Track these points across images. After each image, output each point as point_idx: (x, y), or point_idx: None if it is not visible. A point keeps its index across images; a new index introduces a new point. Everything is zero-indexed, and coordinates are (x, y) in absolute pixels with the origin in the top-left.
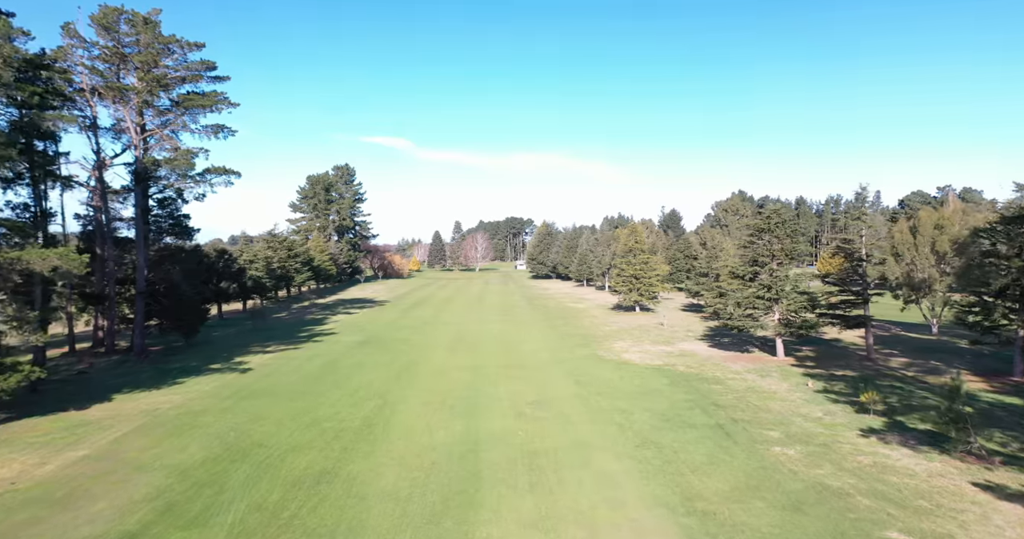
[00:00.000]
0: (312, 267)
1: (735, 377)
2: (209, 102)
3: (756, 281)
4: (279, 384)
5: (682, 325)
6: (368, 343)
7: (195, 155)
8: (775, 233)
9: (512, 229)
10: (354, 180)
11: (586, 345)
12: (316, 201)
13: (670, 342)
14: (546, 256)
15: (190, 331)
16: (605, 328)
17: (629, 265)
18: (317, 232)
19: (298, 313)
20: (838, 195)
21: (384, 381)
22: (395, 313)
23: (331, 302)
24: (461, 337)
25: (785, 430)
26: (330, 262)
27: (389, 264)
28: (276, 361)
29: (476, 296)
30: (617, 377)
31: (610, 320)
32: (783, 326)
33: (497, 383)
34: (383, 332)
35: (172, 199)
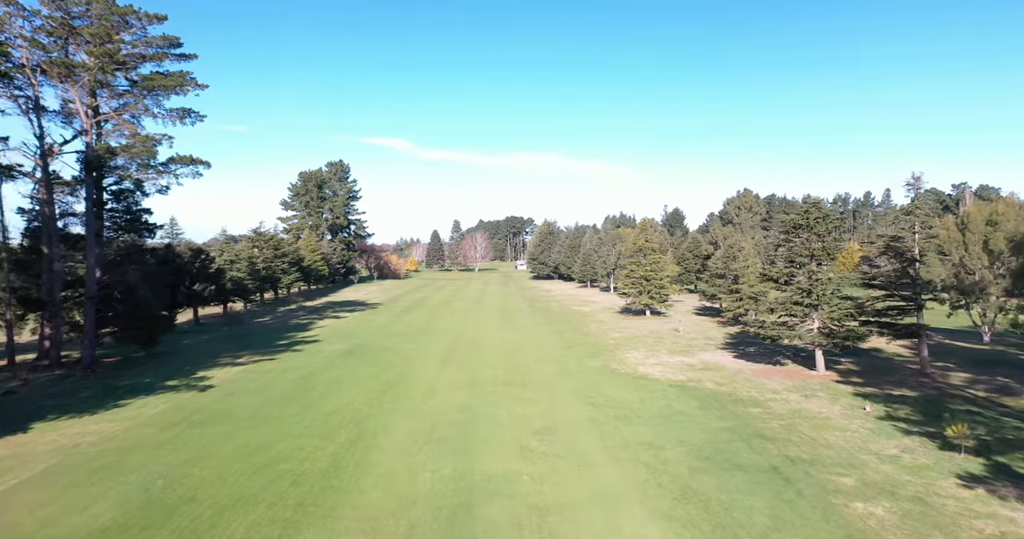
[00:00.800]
0: (301, 267)
1: (775, 397)
2: (173, 83)
3: (792, 284)
4: (240, 406)
5: (699, 331)
6: (353, 353)
7: (157, 142)
8: (815, 230)
9: (512, 228)
10: (348, 177)
11: (596, 355)
12: (308, 198)
13: (689, 352)
14: (547, 256)
15: (148, 341)
16: (615, 335)
17: (639, 266)
18: (308, 231)
19: (283, 317)
20: (846, 194)
21: (365, 402)
22: (387, 317)
23: (320, 305)
24: (457, 346)
25: (860, 475)
26: (322, 262)
27: (385, 264)
28: (245, 376)
29: (474, 298)
30: (636, 397)
31: (619, 325)
32: (824, 336)
33: (497, 404)
34: (371, 340)
35: (130, 192)
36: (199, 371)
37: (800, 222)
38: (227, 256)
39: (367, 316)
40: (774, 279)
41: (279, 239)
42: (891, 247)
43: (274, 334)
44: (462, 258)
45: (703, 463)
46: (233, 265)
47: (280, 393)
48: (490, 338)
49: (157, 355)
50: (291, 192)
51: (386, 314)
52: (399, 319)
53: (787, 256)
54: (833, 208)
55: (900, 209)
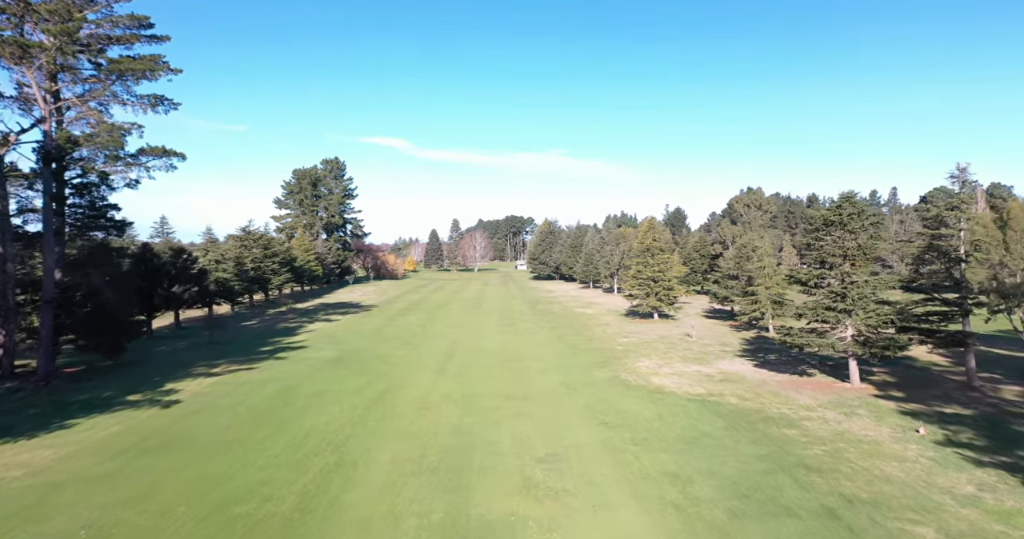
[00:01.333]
0: (293, 268)
1: (810, 416)
2: (142, 67)
3: (824, 288)
4: (204, 427)
5: (712, 336)
6: (341, 361)
7: (126, 132)
8: (848, 227)
9: (512, 228)
10: (344, 175)
11: (605, 364)
12: (302, 197)
13: (705, 360)
14: (548, 256)
15: (112, 349)
16: (623, 340)
17: (646, 266)
18: (302, 230)
19: (271, 321)
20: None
21: (348, 421)
22: (381, 320)
23: (312, 307)
24: (453, 353)
25: (939, 523)
26: (316, 262)
27: (382, 264)
28: (217, 388)
29: (473, 300)
30: (653, 414)
31: (626, 329)
32: (859, 345)
33: (497, 423)
34: (362, 346)
35: (94, 185)
36: (168, 383)
37: (832, 218)
38: (212, 256)
39: (360, 319)
40: (802, 281)
41: (269, 238)
42: (934, 246)
43: (258, 339)
44: (461, 258)
45: (742, 503)
46: (219, 265)
47: (253, 410)
48: (489, 344)
49: (125, 364)
50: (285, 190)
51: (380, 317)
52: (393, 322)
53: (817, 257)
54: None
55: (943, 204)
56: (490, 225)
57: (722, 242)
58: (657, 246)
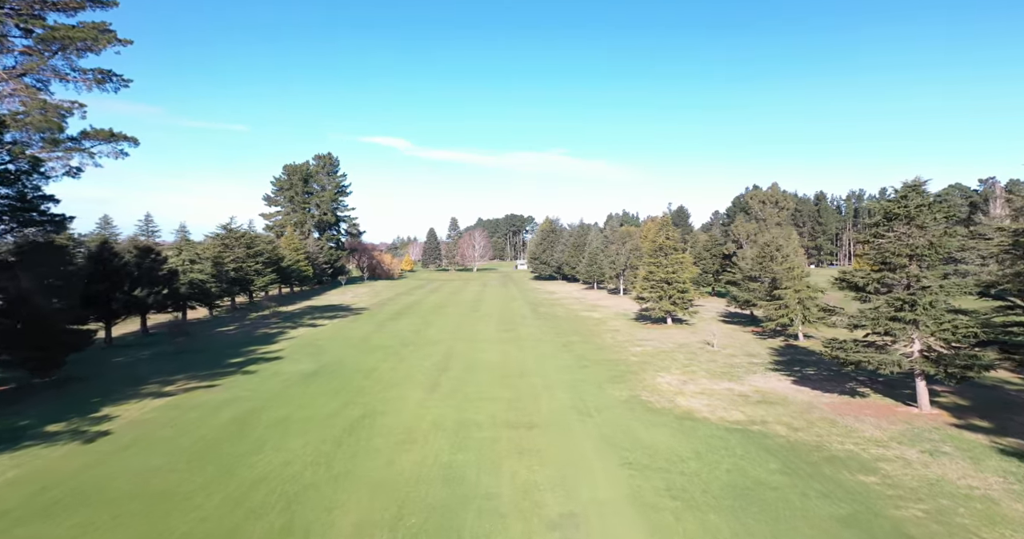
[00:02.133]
0: (280, 268)
1: (885, 454)
2: (82, 36)
3: (884, 293)
4: (127, 472)
5: (736, 345)
6: (318, 376)
7: (66, 113)
8: (917, 221)
9: (512, 227)
10: (338, 171)
11: (620, 379)
12: (293, 193)
13: (735, 375)
14: (550, 255)
15: (42, 365)
16: (636, 349)
17: (659, 267)
18: (291, 228)
19: (250, 326)
20: (860, 190)
21: (311, 460)
22: (371, 326)
23: (298, 310)
24: (448, 365)
25: None
26: (306, 262)
27: (378, 264)
28: (163, 414)
29: (472, 302)
30: (688, 450)
31: (639, 336)
32: (930, 363)
33: (497, 464)
34: (345, 357)
35: (24, 173)
36: (105, 407)
37: (896, 211)
38: (186, 255)
39: (347, 324)
40: (858, 286)
41: (252, 236)
42: (1020, 243)
43: (231, 348)
44: (460, 257)
45: None
46: (193, 266)
47: (198, 444)
48: (488, 354)
49: (63, 382)
50: (274, 186)
51: (370, 322)
52: (384, 328)
53: (876, 256)
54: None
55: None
56: (489, 224)
57: (735, 240)
58: (670, 245)
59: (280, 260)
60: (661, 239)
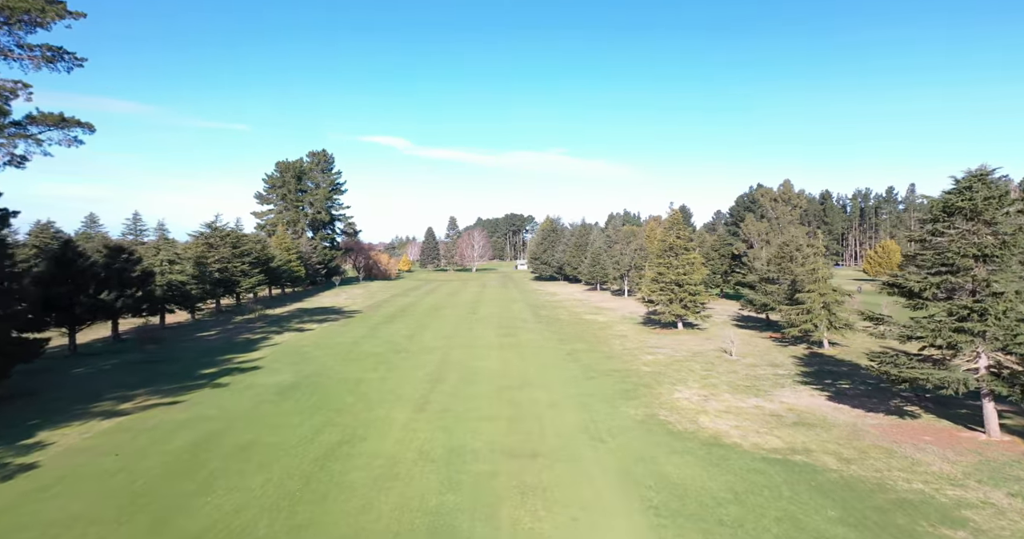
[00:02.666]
0: (268, 268)
1: (966, 497)
2: (26, 6)
3: (946, 300)
4: (37, 524)
5: (756, 354)
6: (296, 390)
7: (9, 95)
8: (984, 216)
9: (512, 226)
10: (332, 168)
11: (633, 394)
12: (285, 191)
13: (761, 389)
14: (551, 255)
15: None
16: (647, 357)
17: (669, 268)
18: (282, 227)
19: (233, 331)
20: (867, 189)
21: (269, 505)
22: (362, 330)
23: (286, 313)
24: (442, 377)
25: None
26: (298, 262)
27: (374, 264)
28: (108, 440)
29: (470, 304)
30: (723, 489)
31: (649, 343)
32: (1002, 382)
33: (494, 510)
34: (329, 366)
35: None
36: (43, 430)
37: (959, 205)
38: (164, 255)
39: (337, 329)
40: (912, 292)
41: (238, 235)
42: None
43: (206, 357)
44: (458, 257)
45: None
46: (173, 266)
47: (137, 482)
48: (486, 363)
49: (6, 397)
50: (267, 184)
51: (361, 326)
52: (375, 333)
53: (934, 257)
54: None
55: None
56: (489, 223)
57: (745, 240)
58: (681, 244)
59: (269, 260)
60: (671, 238)
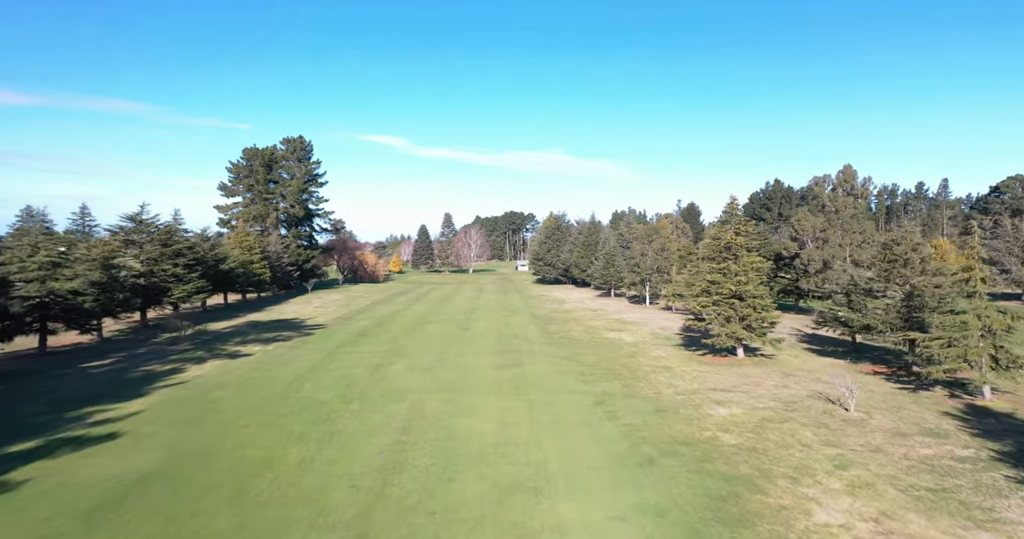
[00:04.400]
0: (219, 271)
1: None
2: None
3: None
4: None
5: (882, 406)
6: (140, 496)
7: None
8: None
9: (512, 225)
10: (311, 157)
11: (739, 516)
12: (252, 181)
13: (965, 501)
14: (555, 256)
15: None
16: (720, 411)
17: (727, 275)
18: (243, 223)
19: (139, 358)
20: (893, 185)
21: None
22: (315, 357)
23: (229, 329)
24: (402, 457)
25: None
26: (262, 264)
27: (360, 265)
28: None
29: (462, 315)
30: None
31: (710, 382)
32: None
33: None
34: (232, 433)
35: None
36: None
37: None
38: (42, 257)
39: (283, 354)
40: None
41: (171, 229)
42: None
43: (47, 410)
44: (454, 257)
45: None
46: (57, 270)
47: None
48: (477, 423)
49: None
50: (231, 173)
51: (318, 349)
52: (331, 362)
53: None
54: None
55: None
56: (488, 222)
57: (796, 238)
58: (742, 243)
59: (221, 261)
60: (728, 235)
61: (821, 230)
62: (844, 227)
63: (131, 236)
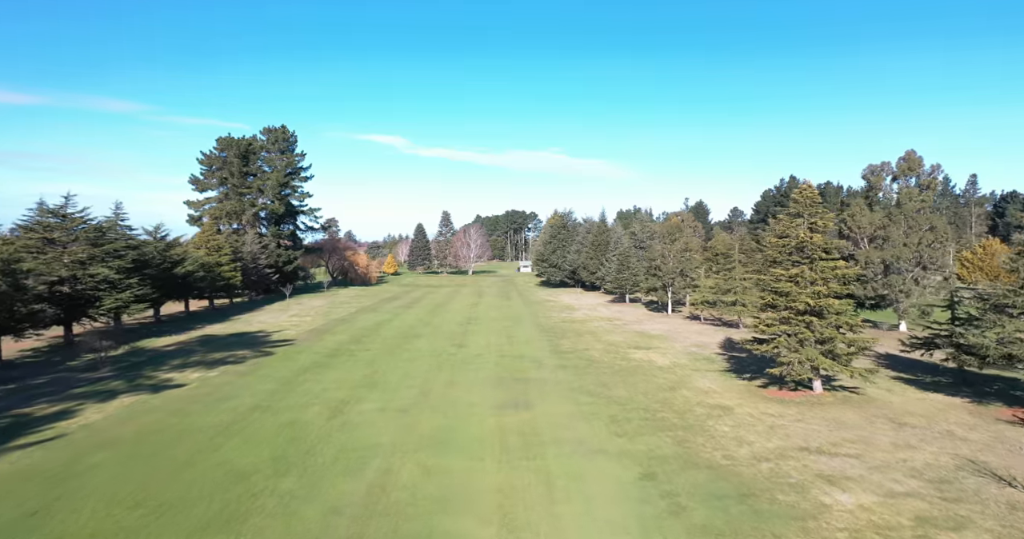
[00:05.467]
0: (170, 276)
1: None
2: None
3: None
4: None
5: None
6: None
7: None
8: None
9: (513, 224)
10: (294, 149)
11: None
12: (226, 174)
13: None
14: (561, 257)
15: None
16: (840, 504)
17: (799, 285)
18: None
19: (35, 390)
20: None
21: None
22: (268, 387)
23: (176, 345)
24: None
25: None
26: (231, 266)
27: (351, 266)
28: None
29: (458, 326)
30: None
31: (795, 436)
32: None
33: None
34: (95, 527)
35: None
36: None
37: None
38: None
39: (222, 385)
40: None
41: (103, 226)
42: None
43: None
44: (452, 258)
45: None
46: None
47: None
48: (470, 528)
49: None
50: (204, 165)
51: (270, 377)
52: (282, 398)
53: None
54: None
55: None
56: (488, 221)
57: (847, 236)
58: (820, 243)
59: (177, 263)
60: (800, 232)
61: (880, 227)
62: (909, 223)
63: (51, 234)
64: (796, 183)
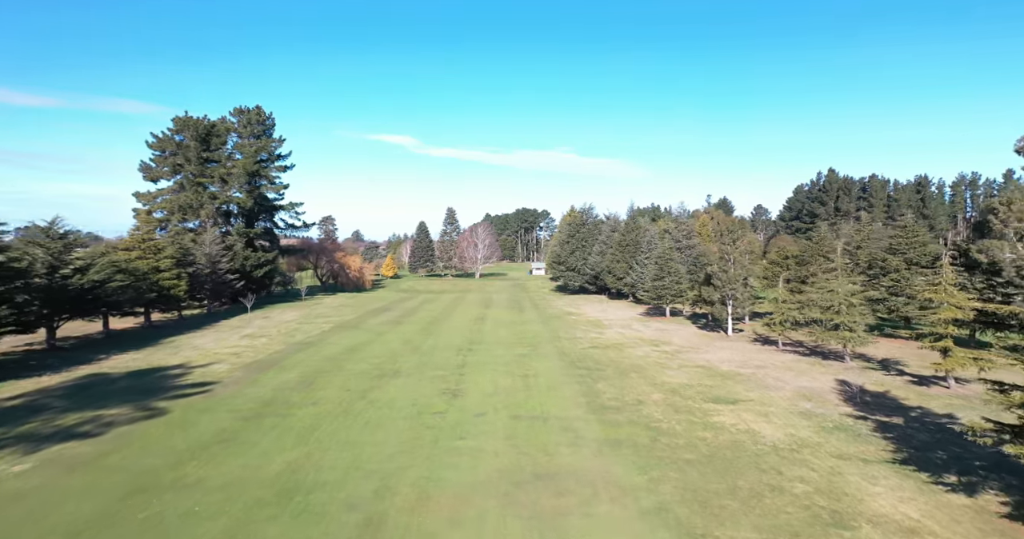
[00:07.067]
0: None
1: None
2: None
3: None
4: None
5: None
6: None
7: None
8: None
9: (524, 223)
10: (271, 134)
11: None
12: (182, 160)
13: None
14: (580, 259)
15: None
16: None
17: None
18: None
19: None
20: (975, 173)
21: None
22: (87, 508)
23: (34, 393)
24: None
25: None
26: (173, 274)
27: (341, 269)
28: None
29: (455, 355)
30: None
31: None
32: None
33: None
34: None
35: None
36: None
37: None
38: None
39: (3, 507)
40: None
41: None
42: None
43: None
44: (458, 259)
45: None
46: None
47: None
48: None
49: None
50: (155, 150)
51: (109, 483)
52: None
53: None
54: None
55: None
56: (498, 220)
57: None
58: None
59: (81, 271)
60: None
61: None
62: None
63: None
64: (836, 177)
